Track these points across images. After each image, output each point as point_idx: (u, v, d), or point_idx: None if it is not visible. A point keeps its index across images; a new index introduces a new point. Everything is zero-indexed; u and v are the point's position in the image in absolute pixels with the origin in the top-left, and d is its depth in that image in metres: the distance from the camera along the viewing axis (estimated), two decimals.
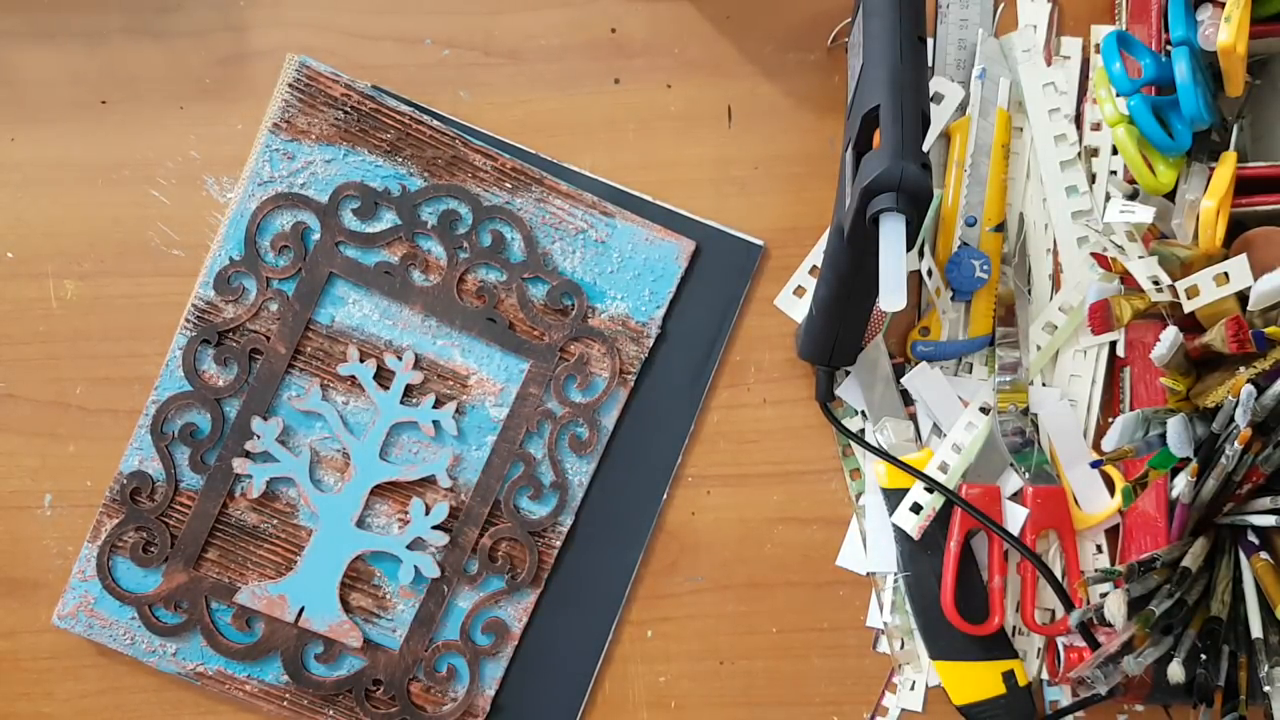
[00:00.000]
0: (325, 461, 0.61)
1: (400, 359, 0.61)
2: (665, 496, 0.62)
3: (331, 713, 0.60)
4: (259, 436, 0.60)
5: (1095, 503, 0.62)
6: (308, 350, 0.61)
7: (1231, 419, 0.53)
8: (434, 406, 0.61)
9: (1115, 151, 0.62)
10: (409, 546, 0.61)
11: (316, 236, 0.61)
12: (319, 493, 0.61)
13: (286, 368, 0.60)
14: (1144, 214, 0.58)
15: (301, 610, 0.60)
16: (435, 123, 0.61)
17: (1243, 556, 0.55)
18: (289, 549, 0.61)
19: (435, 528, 0.61)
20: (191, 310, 0.60)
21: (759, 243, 0.63)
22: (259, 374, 0.60)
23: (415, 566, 0.61)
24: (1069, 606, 0.59)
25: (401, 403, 0.61)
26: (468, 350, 0.61)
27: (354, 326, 0.61)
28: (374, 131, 0.61)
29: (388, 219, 0.61)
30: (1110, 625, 0.54)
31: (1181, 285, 0.57)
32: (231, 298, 0.60)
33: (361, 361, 0.61)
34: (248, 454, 0.60)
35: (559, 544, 0.62)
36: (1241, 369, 0.55)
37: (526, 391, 0.61)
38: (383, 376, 0.61)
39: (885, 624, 0.62)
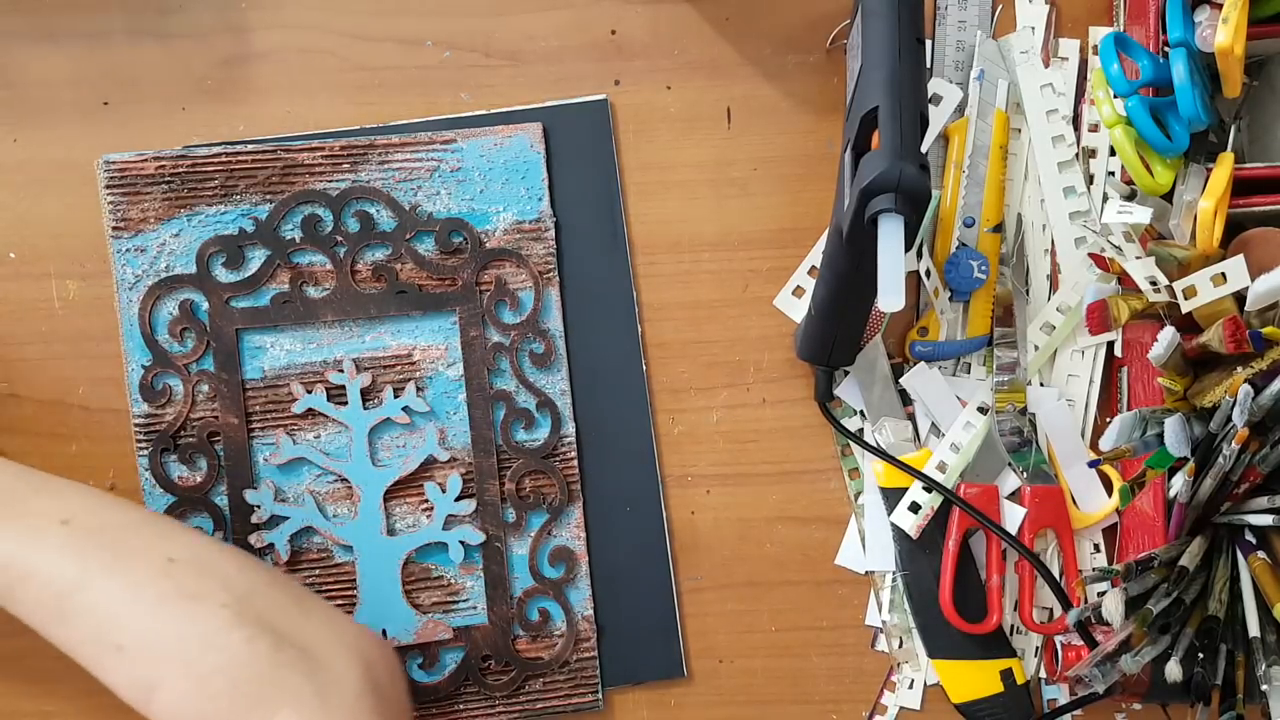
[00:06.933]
0: (329, 497, 0.61)
1: (342, 371, 0.61)
2: (645, 366, 0.63)
3: (461, 706, 0.60)
4: (259, 507, 0.60)
5: (1093, 502, 0.62)
6: (257, 409, 0.61)
7: (1229, 419, 0.53)
8: (395, 396, 0.61)
9: (1113, 152, 0.63)
10: (445, 528, 0.61)
11: (206, 305, 0.60)
12: (339, 525, 0.61)
13: (247, 435, 0.60)
14: (1141, 215, 0.58)
15: (384, 633, 0.60)
16: (250, 147, 0.61)
17: (1240, 556, 0.56)
18: (343, 587, 0.61)
19: (458, 499, 0.61)
20: (137, 431, 0.60)
21: (600, 97, 0.63)
22: (227, 453, 0.60)
23: (460, 542, 0.61)
24: (1066, 605, 0.59)
25: (365, 409, 0.61)
26: (396, 331, 0.62)
27: (285, 366, 0.61)
28: (201, 185, 0.61)
29: (258, 255, 0.61)
30: (1108, 624, 0.54)
31: (1179, 285, 0.57)
32: (164, 401, 0.60)
33: (310, 393, 0.61)
34: (258, 527, 0.60)
35: (574, 454, 0.62)
36: (1239, 369, 0.55)
37: (469, 338, 0.61)
38: (335, 395, 0.61)
39: (884, 622, 0.63)
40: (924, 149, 0.49)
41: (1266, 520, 0.53)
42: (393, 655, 0.50)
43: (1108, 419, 0.61)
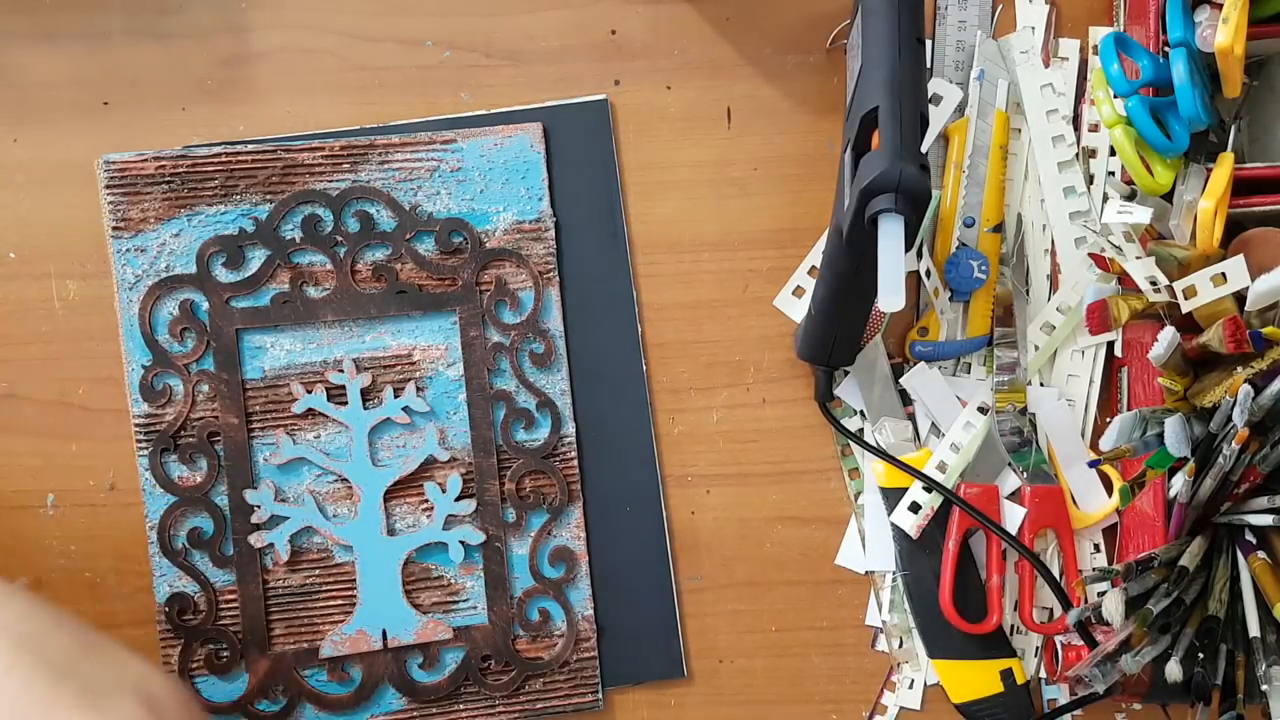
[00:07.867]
0: (329, 496, 0.61)
1: (342, 371, 0.61)
2: (645, 366, 0.63)
3: (461, 706, 0.61)
4: (259, 507, 0.60)
5: (1093, 502, 0.62)
6: (257, 409, 0.61)
7: (1229, 419, 0.53)
8: (395, 396, 0.61)
9: (1113, 152, 0.63)
10: (445, 528, 0.61)
11: (206, 305, 0.60)
12: (340, 525, 0.61)
13: (248, 435, 0.60)
14: (1141, 215, 0.58)
15: (384, 633, 0.60)
16: (250, 147, 0.61)
17: (1240, 556, 0.56)
18: (343, 587, 0.61)
19: (458, 499, 0.61)
20: (137, 431, 0.60)
21: (600, 97, 0.63)
22: (227, 453, 0.60)
23: (460, 542, 0.61)
24: (1067, 605, 0.59)
25: (365, 409, 0.61)
26: (396, 331, 0.62)
27: (285, 366, 0.61)
28: (201, 185, 0.61)
29: (258, 255, 0.61)
30: (1108, 624, 0.54)
31: (1179, 285, 0.57)
32: (164, 401, 0.60)
33: (309, 393, 0.61)
34: (258, 527, 0.60)
35: (574, 454, 0.62)
36: (1239, 369, 0.55)
37: (469, 339, 0.61)
38: (335, 395, 0.61)
39: (884, 622, 0.63)
40: (924, 149, 0.49)
41: (1266, 520, 0.53)
42: (185, 695, 0.51)
43: (1108, 419, 0.61)
